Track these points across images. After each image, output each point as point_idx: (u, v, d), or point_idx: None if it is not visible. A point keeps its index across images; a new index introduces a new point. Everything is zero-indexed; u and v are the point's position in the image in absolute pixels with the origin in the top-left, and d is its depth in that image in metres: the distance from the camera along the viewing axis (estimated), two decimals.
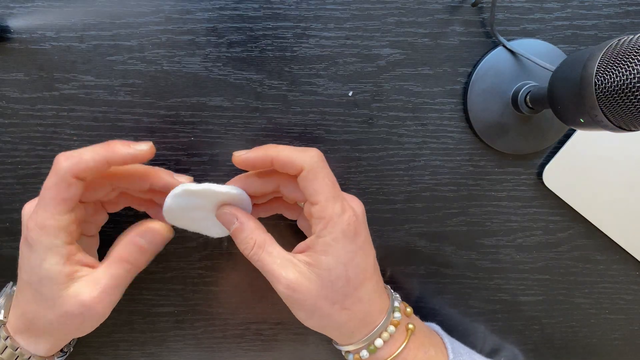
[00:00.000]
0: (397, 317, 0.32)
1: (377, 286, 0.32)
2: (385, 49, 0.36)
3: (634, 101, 0.23)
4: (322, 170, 0.30)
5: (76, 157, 0.28)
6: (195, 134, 0.37)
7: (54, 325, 0.30)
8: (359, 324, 0.31)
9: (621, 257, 0.41)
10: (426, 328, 0.35)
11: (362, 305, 0.31)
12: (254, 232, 0.31)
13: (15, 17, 0.34)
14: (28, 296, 0.30)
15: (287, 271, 0.30)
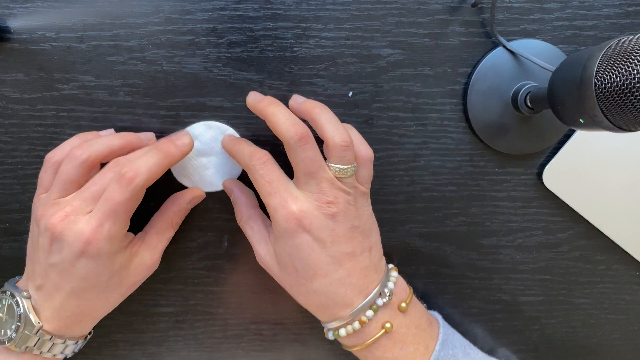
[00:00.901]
0: (369, 315, 0.32)
1: (341, 282, 0.32)
2: (385, 49, 0.36)
3: (634, 101, 0.23)
4: (256, 172, 0.32)
5: (146, 172, 0.30)
6: None
7: (116, 302, 0.35)
8: (319, 310, 0.33)
9: (621, 258, 0.41)
10: (422, 321, 0.34)
11: (317, 298, 0.32)
12: (244, 207, 0.35)
13: (15, 18, 0.34)
14: (87, 297, 0.32)
15: (260, 247, 0.34)
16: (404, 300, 0.34)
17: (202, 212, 0.38)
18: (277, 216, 0.31)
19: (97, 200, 0.30)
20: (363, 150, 0.33)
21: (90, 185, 0.31)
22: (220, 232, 0.38)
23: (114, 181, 0.30)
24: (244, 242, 0.36)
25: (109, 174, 0.31)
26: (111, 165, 0.31)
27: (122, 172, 0.30)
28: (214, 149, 0.36)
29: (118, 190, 0.30)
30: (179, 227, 0.36)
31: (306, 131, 0.31)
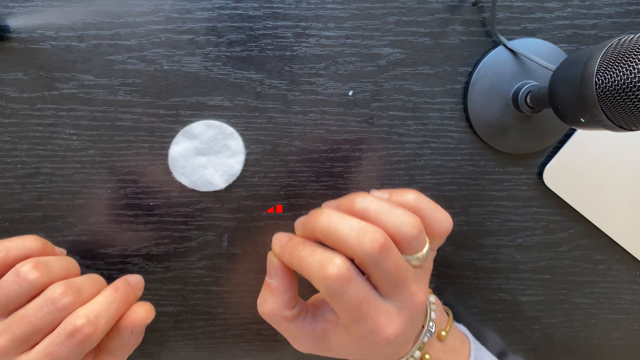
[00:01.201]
0: (417, 356, 0.30)
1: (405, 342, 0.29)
2: (385, 49, 0.36)
3: (635, 100, 0.23)
4: (336, 298, 0.25)
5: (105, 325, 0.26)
6: None
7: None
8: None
9: (622, 257, 0.41)
10: (456, 342, 0.34)
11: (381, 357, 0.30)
12: (281, 296, 0.29)
13: (15, 17, 0.34)
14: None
15: (304, 345, 0.30)
16: (444, 328, 0.33)
17: (202, 212, 0.38)
18: (369, 341, 0.27)
19: (30, 342, 0.25)
20: (441, 219, 0.27)
21: (25, 323, 0.25)
22: (220, 232, 0.38)
23: (65, 334, 0.24)
24: (244, 241, 0.36)
25: (48, 313, 0.25)
26: (51, 303, 0.25)
27: (77, 326, 0.24)
28: (214, 148, 0.36)
29: (67, 347, 0.24)
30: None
31: (382, 236, 0.24)
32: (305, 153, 0.37)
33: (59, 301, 0.25)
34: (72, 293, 0.26)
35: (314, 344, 0.29)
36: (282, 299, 0.29)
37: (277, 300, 0.29)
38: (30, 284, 0.25)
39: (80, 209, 0.37)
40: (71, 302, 0.26)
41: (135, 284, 0.30)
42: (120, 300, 0.27)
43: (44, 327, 0.25)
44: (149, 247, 0.38)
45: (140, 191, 0.37)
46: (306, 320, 0.30)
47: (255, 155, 0.37)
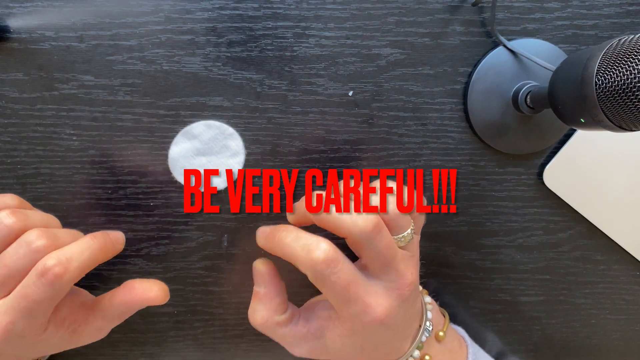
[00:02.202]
0: (416, 355, 0.31)
1: (400, 341, 0.30)
2: (385, 49, 0.36)
3: (635, 101, 0.23)
4: (324, 281, 0.26)
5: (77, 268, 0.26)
6: None
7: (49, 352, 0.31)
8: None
9: (622, 258, 0.41)
10: (454, 344, 0.34)
11: (379, 355, 0.30)
12: (271, 302, 0.30)
13: (15, 17, 0.34)
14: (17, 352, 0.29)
15: (299, 348, 0.30)
16: (441, 329, 0.33)
17: (202, 212, 0.38)
18: (357, 323, 0.27)
19: (6, 286, 0.26)
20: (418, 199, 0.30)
21: (0, 267, 0.26)
22: (220, 232, 0.38)
23: (35, 275, 0.25)
24: (244, 241, 0.36)
25: (23, 255, 0.26)
26: (26, 245, 0.26)
27: (48, 266, 0.25)
28: (213, 149, 0.36)
29: (39, 287, 0.25)
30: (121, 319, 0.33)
31: (376, 217, 0.26)
32: (305, 153, 0.37)
33: (33, 243, 0.26)
34: (48, 237, 0.26)
35: (310, 345, 0.30)
36: (272, 305, 0.29)
37: (267, 307, 0.29)
38: (7, 228, 0.26)
39: (80, 209, 0.37)
40: (45, 245, 0.26)
41: (115, 238, 0.31)
42: (96, 248, 0.28)
43: (19, 270, 0.25)
44: (149, 247, 0.38)
45: (140, 191, 0.37)
46: (299, 323, 0.30)
47: (255, 155, 0.37)
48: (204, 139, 0.36)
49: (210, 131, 0.36)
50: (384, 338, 0.29)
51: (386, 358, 0.31)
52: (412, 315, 0.31)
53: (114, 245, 0.30)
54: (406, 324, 0.30)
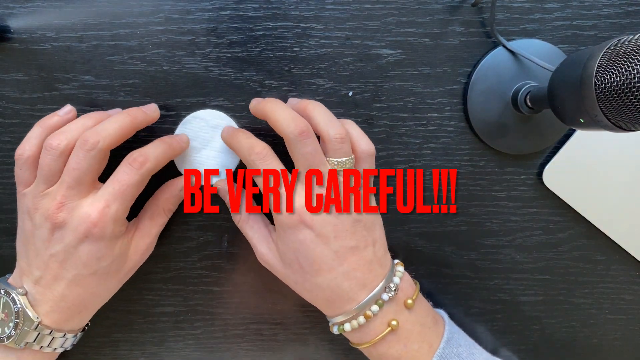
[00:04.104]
0: (374, 310, 0.32)
1: (346, 276, 0.32)
2: (385, 49, 0.36)
3: (634, 101, 0.23)
4: (255, 167, 0.32)
5: (154, 159, 0.32)
6: None
7: (115, 290, 0.35)
8: (324, 305, 0.34)
9: (621, 257, 0.41)
10: (427, 319, 0.34)
11: (322, 292, 0.33)
12: (241, 207, 0.36)
13: (15, 17, 0.34)
14: (88, 285, 0.32)
15: (261, 245, 0.34)
16: (410, 296, 0.34)
17: (202, 212, 0.38)
18: (280, 215, 0.31)
19: (82, 184, 0.31)
20: (363, 144, 0.33)
21: (70, 172, 0.30)
22: (220, 232, 0.38)
23: (125, 164, 0.31)
24: (244, 241, 0.36)
25: (84, 156, 0.31)
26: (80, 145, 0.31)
27: (134, 157, 0.31)
28: (215, 137, 0.36)
29: (129, 172, 0.31)
30: (172, 213, 0.37)
31: (306, 126, 0.31)
32: None
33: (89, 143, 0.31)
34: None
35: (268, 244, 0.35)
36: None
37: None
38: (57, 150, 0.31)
39: None
40: (102, 140, 0.31)
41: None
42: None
43: (88, 168, 0.30)
44: None
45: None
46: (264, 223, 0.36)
47: None
48: (210, 124, 0.36)
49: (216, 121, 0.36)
50: (317, 253, 0.31)
51: (334, 297, 0.32)
52: (352, 246, 0.32)
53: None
54: (345, 251, 0.32)
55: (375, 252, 0.33)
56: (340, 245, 0.32)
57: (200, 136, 0.36)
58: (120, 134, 0.31)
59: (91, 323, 0.36)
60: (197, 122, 0.36)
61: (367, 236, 0.33)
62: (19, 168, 0.32)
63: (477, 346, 0.36)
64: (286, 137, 0.31)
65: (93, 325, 0.37)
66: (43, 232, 0.31)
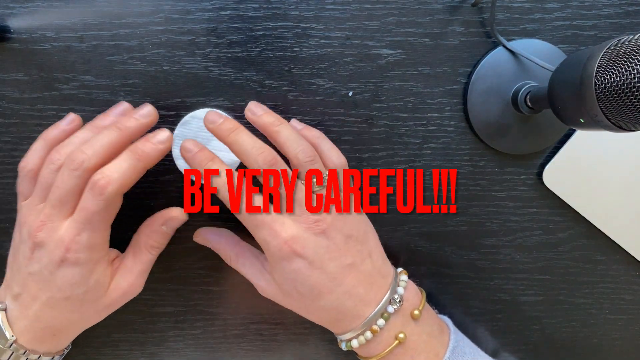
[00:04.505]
0: (380, 324, 0.32)
1: (348, 295, 0.32)
2: (385, 49, 0.36)
3: (634, 101, 0.23)
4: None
5: (118, 180, 0.29)
6: None
7: (90, 321, 0.34)
8: (331, 324, 0.33)
9: (621, 257, 0.41)
10: (433, 328, 0.34)
11: (326, 313, 0.33)
12: (227, 247, 0.35)
13: (15, 17, 0.34)
14: (62, 309, 0.31)
15: (257, 279, 0.34)
16: (417, 307, 0.33)
17: (202, 212, 0.38)
18: (270, 247, 0.31)
19: (65, 204, 0.29)
20: (334, 158, 0.33)
21: (55, 190, 0.29)
22: None
23: (87, 190, 0.29)
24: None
25: (68, 175, 0.29)
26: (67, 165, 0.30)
27: (94, 180, 0.29)
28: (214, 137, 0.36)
29: (91, 200, 0.29)
30: (159, 250, 0.35)
31: (274, 157, 0.31)
32: None
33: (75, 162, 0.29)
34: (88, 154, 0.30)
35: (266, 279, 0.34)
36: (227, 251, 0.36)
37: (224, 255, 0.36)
38: (55, 165, 0.30)
39: None
40: (88, 159, 0.29)
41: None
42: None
43: (72, 188, 0.29)
44: None
45: (140, 191, 0.37)
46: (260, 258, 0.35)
47: None
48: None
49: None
50: (314, 279, 0.31)
51: (339, 316, 0.32)
52: (348, 263, 0.32)
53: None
54: (342, 271, 0.31)
55: (373, 264, 0.33)
56: (335, 266, 0.31)
57: (200, 136, 0.36)
58: (109, 151, 0.30)
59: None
60: (197, 122, 0.36)
61: (362, 250, 0.33)
62: (20, 180, 0.32)
63: (480, 352, 0.36)
64: (256, 169, 0.31)
65: (93, 326, 0.37)
66: (25, 249, 0.30)
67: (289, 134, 0.32)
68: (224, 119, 0.32)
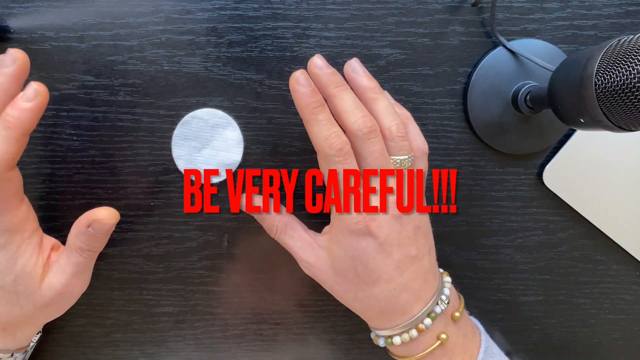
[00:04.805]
0: (427, 323, 0.31)
1: (404, 288, 0.31)
2: (385, 49, 0.36)
3: (634, 101, 0.23)
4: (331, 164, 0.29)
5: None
6: None
7: (34, 317, 0.31)
8: (375, 316, 0.32)
9: (621, 257, 0.41)
10: (468, 330, 0.34)
11: (377, 302, 0.31)
12: (275, 219, 0.34)
13: (15, 17, 0.34)
14: (1, 299, 0.30)
15: (306, 254, 0.32)
16: (457, 309, 0.33)
17: (202, 212, 0.38)
18: (345, 219, 0.30)
19: None
20: (420, 142, 0.32)
21: None
22: (220, 232, 0.38)
23: None
24: (244, 241, 0.36)
25: None
26: None
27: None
28: (214, 137, 0.36)
29: None
30: (92, 253, 0.32)
31: (374, 123, 0.29)
32: (305, 153, 0.37)
33: None
34: None
35: (316, 254, 0.32)
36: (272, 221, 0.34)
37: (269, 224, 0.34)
38: None
39: (81, 209, 0.37)
40: None
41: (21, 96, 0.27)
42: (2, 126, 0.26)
43: None
44: (149, 247, 0.38)
45: (140, 191, 0.37)
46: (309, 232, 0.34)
47: (255, 155, 0.37)
48: (207, 124, 0.36)
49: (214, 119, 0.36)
50: (378, 262, 0.30)
51: (390, 309, 0.31)
52: (413, 255, 0.31)
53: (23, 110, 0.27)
54: (406, 261, 0.30)
55: (430, 261, 0.32)
56: (402, 255, 0.30)
57: (200, 136, 0.36)
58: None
59: (87, 325, 0.36)
60: (196, 122, 0.36)
61: (425, 244, 0.32)
62: None
63: (502, 354, 0.36)
64: (352, 132, 0.29)
65: (93, 326, 0.37)
66: None
67: (387, 105, 0.31)
68: (332, 70, 0.30)
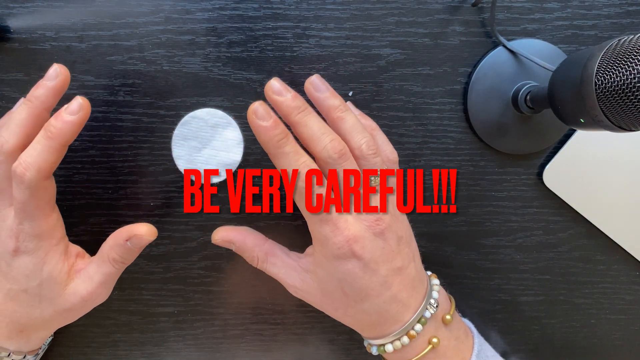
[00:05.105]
0: (418, 329, 0.31)
1: (393, 299, 0.31)
2: (385, 49, 0.36)
3: (634, 101, 0.23)
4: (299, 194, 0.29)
5: (34, 165, 0.27)
6: None
7: (51, 321, 0.32)
8: (367, 328, 0.32)
9: (621, 257, 0.41)
10: (460, 332, 0.34)
11: (367, 316, 0.31)
12: (255, 250, 0.33)
13: (15, 17, 0.34)
14: (22, 303, 0.30)
15: (292, 279, 0.32)
16: (448, 311, 0.33)
17: (202, 212, 0.38)
18: (329, 244, 0.29)
19: (3, 192, 0.29)
20: (388, 152, 0.32)
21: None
22: None
23: (13, 179, 0.28)
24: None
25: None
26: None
27: (13, 169, 0.28)
28: (214, 137, 0.36)
29: (16, 189, 0.28)
30: (124, 264, 0.32)
31: (344, 147, 0.29)
32: None
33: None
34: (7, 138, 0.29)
35: (301, 277, 0.32)
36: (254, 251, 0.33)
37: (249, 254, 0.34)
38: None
39: (80, 209, 0.37)
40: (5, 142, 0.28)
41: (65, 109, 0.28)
42: (46, 136, 0.28)
43: (1, 175, 0.29)
44: (149, 247, 0.38)
45: (140, 191, 0.37)
46: (292, 256, 0.33)
47: (255, 155, 0.37)
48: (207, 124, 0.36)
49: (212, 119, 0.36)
50: (365, 281, 0.30)
51: (380, 320, 0.31)
52: (399, 266, 0.31)
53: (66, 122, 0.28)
54: (393, 274, 0.30)
55: (416, 267, 0.32)
56: (387, 269, 0.30)
57: (200, 136, 0.36)
58: (25, 128, 0.28)
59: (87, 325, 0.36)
60: (196, 122, 0.36)
61: (409, 252, 0.32)
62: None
63: (497, 355, 0.36)
64: (322, 160, 0.29)
65: (93, 326, 0.37)
66: None
67: (354, 122, 0.30)
68: (292, 94, 0.28)
